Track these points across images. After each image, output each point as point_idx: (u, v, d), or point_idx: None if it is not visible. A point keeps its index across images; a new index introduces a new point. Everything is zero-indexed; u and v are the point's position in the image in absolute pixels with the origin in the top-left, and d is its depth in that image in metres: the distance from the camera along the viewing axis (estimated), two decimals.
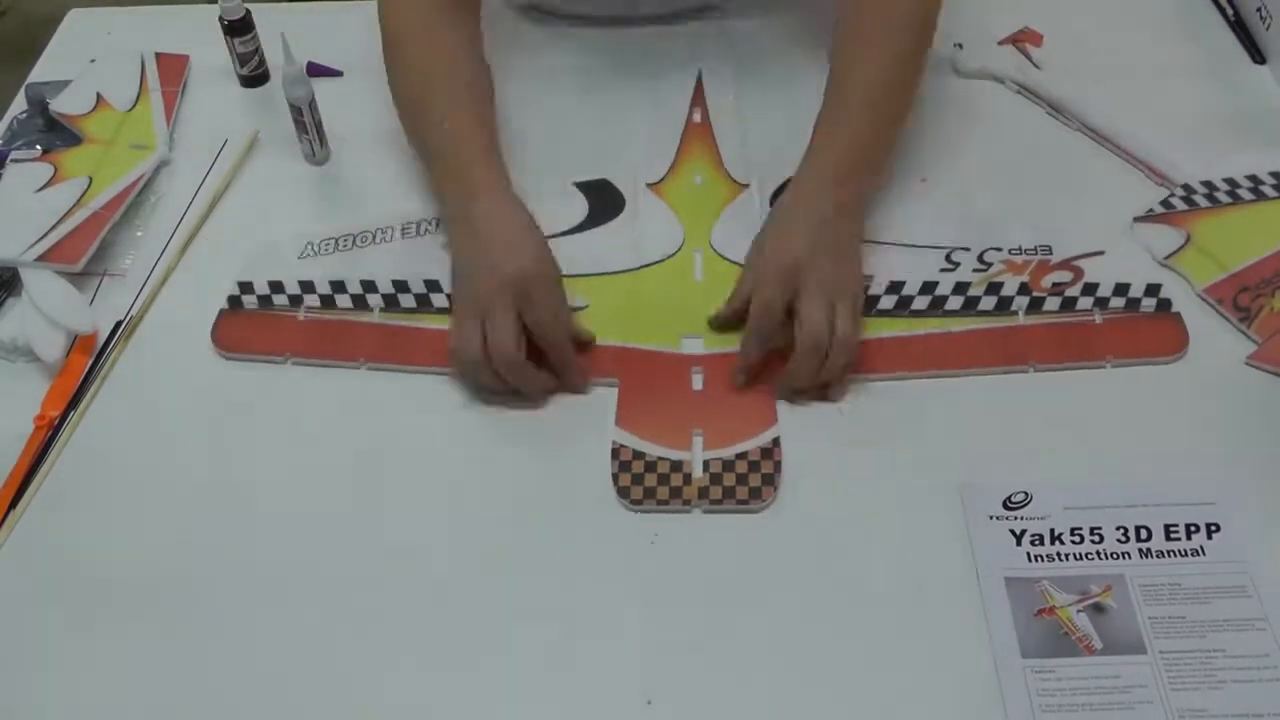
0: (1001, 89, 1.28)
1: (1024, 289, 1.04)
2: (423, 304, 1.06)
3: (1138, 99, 1.23)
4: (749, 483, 0.93)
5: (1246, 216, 1.11)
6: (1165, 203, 1.13)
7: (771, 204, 1.12)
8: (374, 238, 1.12)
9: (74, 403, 1.00)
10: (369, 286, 1.07)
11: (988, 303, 1.04)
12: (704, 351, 1.03)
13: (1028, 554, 0.88)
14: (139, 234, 1.15)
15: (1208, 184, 1.14)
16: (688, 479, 0.93)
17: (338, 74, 1.34)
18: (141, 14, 1.46)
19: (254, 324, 1.06)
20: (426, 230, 1.13)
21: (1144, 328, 1.02)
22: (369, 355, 1.03)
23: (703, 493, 0.93)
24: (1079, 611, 0.84)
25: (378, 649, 0.85)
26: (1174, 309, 1.03)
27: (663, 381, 1.01)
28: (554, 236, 1.09)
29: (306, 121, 1.19)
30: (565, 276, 1.03)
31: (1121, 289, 1.04)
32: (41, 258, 1.08)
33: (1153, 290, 1.04)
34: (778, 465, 0.94)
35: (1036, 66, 1.29)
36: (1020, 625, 0.84)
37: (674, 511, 0.92)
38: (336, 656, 0.84)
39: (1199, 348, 1.01)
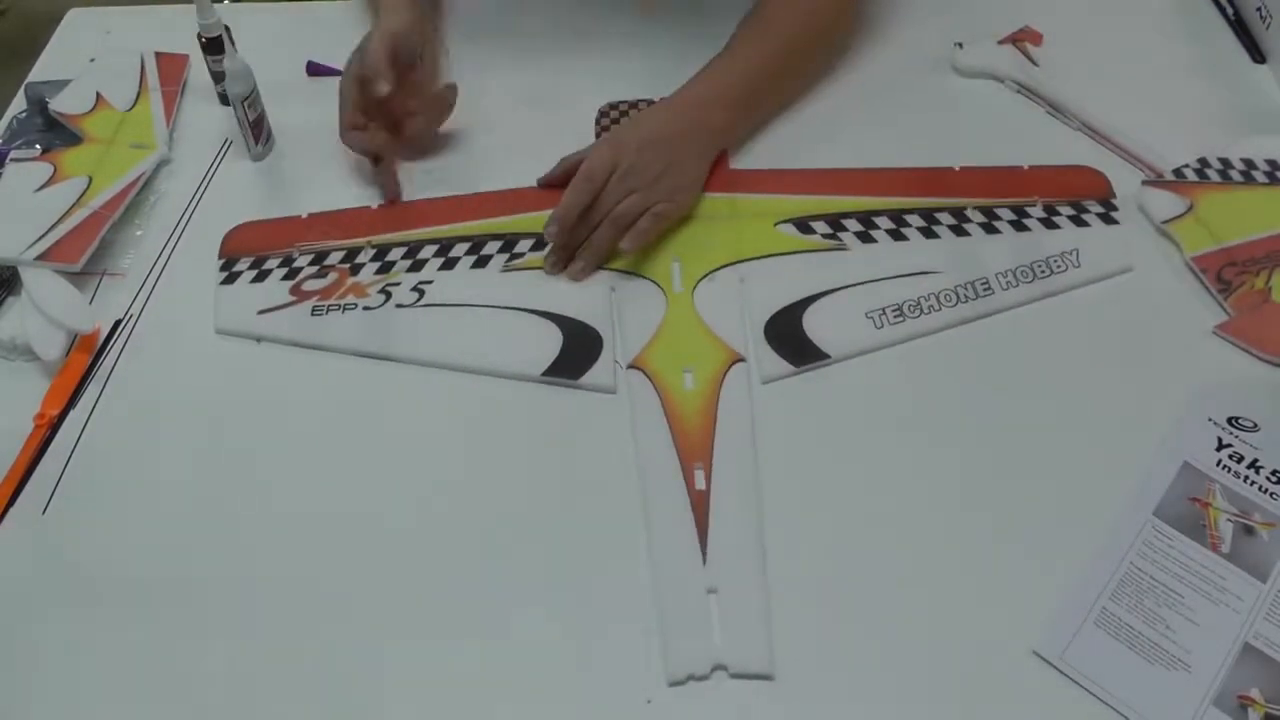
0: (1001, 89, 1.28)
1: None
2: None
3: (1137, 99, 1.23)
4: None
5: (1254, 198, 1.13)
6: (1178, 171, 1.14)
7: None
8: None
9: (73, 401, 1.00)
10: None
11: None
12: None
13: (1219, 461, 0.93)
14: (139, 233, 1.15)
15: (1224, 160, 1.15)
16: None
17: (338, 73, 1.30)
18: (141, 14, 1.44)
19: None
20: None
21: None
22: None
23: None
24: (1229, 520, 0.89)
25: (380, 645, 0.85)
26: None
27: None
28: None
29: (241, 119, 1.20)
30: None
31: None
32: (41, 257, 1.08)
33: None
34: None
35: (1036, 65, 1.29)
36: (1169, 493, 0.91)
37: None
38: (338, 654, 0.84)
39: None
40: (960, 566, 0.87)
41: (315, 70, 1.33)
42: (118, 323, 1.07)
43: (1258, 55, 1.30)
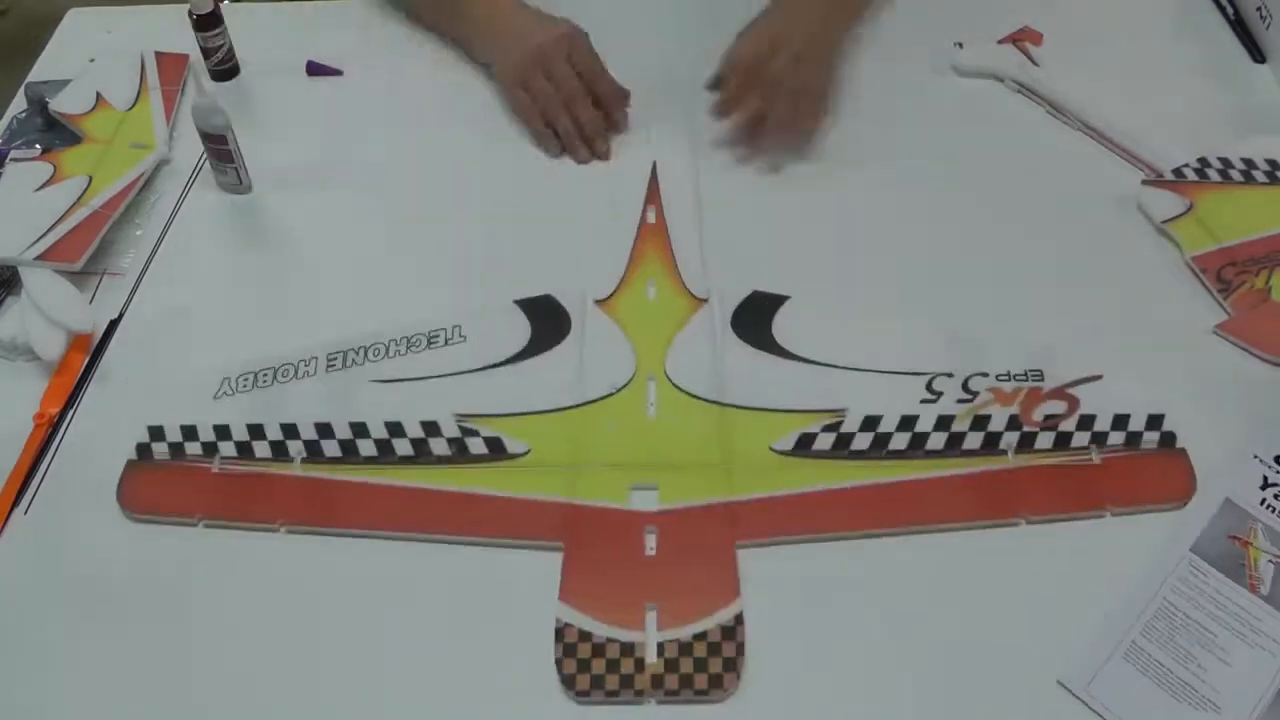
0: (1002, 89, 1.27)
1: (1013, 423, 0.94)
2: (348, 452, 0.94)
3: (1137, 98, 1.22)
4: (708, 669, 0.82)
5: (1254, 197, 1.12)
6: (1178, 171, 1.14)
7: (733, 323, 1.02)
8: (296, 371, 0.99)
9: (73, 400, 1.00)
10: (290, 432, 0.95)
11: (973, 440, 0.93)
12: (658, 508, 0.90)
13: (1263, 500, 0.89)
14: (139, 233, 1.15)
15: (1224, 160, 1.14)
16: (640, 665, 0.82)
17: (337, 73, 1.33)
18: (141, 14, 1.44)
19: (164, 479, 0.94)
20: (353, 362, 1.00)
21: (1148, 469, 0.92)
22: (288, 516, 0.91)
23: (657, 681, 0.81)
24: (1270, 561, 0.86)
25: (375, 652, 0.84)
26: (1179, 444, 0.93)
27: (611, 545, 0.89)
28: (494, 367, 0.99)
29: (232, 149, 1.16)
30: (503, 416, 0.96)
31: (1120, 421, 0.94)
32: (42, 256, 1.07)
33: (1155, 422, 0.94)
34: (740, 648, 0.83)
35: (1037, 65, 1.28)
36: (1207, 530, 0.87)
37: (625, 703, 0.81)
38: (334, 655, 0.84)
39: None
40: (988, 588, 0.86)
41: (315, 70, 1.33)
42: (112, 321, 1.07)
43: (1258, 55, 1.29)
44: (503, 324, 1.03)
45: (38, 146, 1.22)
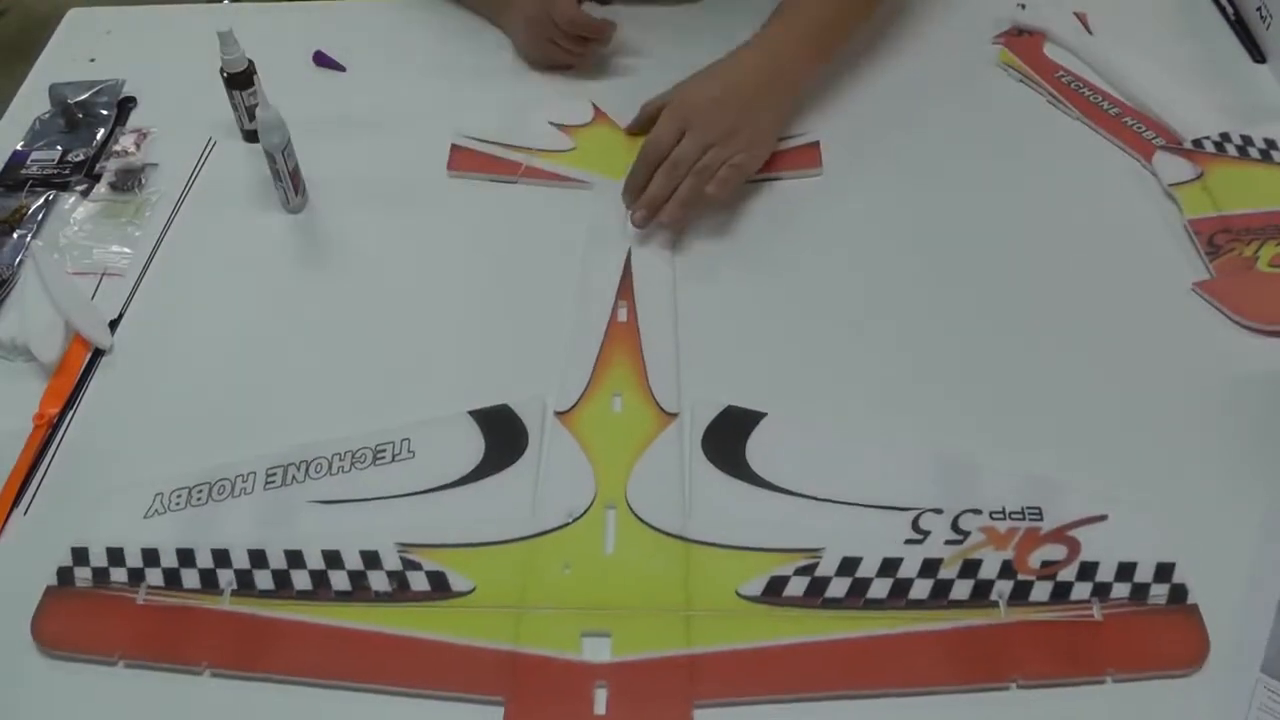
0: (1001, 84, 1.28)
1: (1007, 570, 0.85)
2: (281, 585, 0.87)
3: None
4: None
5: (1266, 175, 1.13)
6: (1197, 142, 1.16)
7: (704, 444, 0.94)
8: (233, 488, 0.92)
9: (72, 401, 1.01)
10: (221, 559, 0.88)
11: (962, 589, 0.84)
12: (610, 659, 0.82)
13: None
14: (137, 234, 1.16)
15: (1245, 137, 1.16)
16: None
17: (341, 69, 1.35)
18: (141, 14, 1.45)
19: (84, 609, 0.87)
20: (293, 479, 0.93)
21: (1154, 628, 0.83)
22: (214, 657, 0.84)
23: None
24: None
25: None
26: (1190, 599, 0.83)
27: (557, 703, 0.81)
28: (443, 488, 0.92)
29: (280, 169, 1.13)
30: (449, 547, 0.88)
31: (1126, 571, 0.85)
32: None
33: (1164, 573, 0.84)
34: None
35: (1090, 33, 1.31)
36: (1273, 643, 0.80)
37: None
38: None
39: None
40: None
41: (322, 61, 1.35)
42: (113, 321, 1.08)
43: (1258, 55, 1.30)
44: (454, 438, 0.95)
45: (59, 148, 1.24)
